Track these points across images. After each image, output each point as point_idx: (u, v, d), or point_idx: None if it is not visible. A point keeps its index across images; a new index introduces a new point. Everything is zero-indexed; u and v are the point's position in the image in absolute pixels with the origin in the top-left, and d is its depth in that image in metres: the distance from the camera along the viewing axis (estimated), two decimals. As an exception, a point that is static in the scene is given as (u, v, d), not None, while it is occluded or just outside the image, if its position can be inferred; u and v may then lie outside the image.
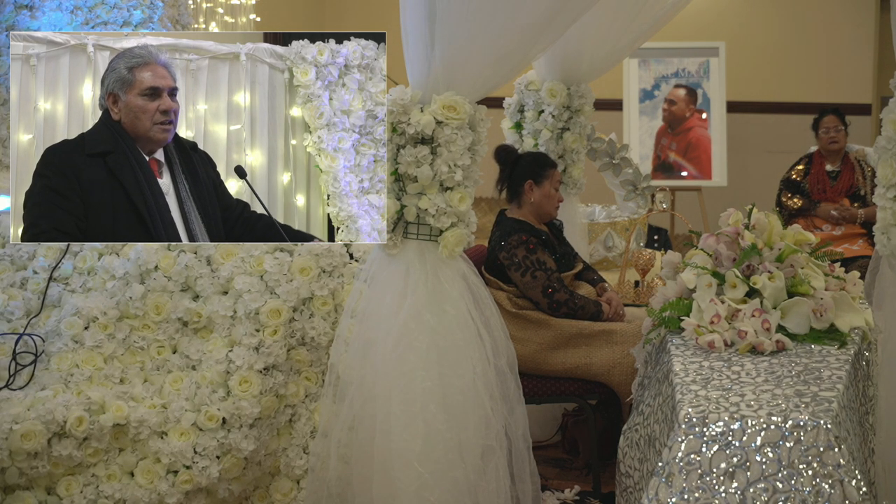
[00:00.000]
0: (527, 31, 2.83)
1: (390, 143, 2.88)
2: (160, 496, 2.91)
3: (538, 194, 3.69)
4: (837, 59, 7.82)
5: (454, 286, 2.92)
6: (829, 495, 2.11)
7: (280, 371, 3.10)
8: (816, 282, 2.86)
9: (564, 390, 3.60)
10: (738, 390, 2.36)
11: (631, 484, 2.64)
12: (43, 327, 3.20)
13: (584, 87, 4.31)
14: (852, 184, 5.61)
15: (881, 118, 2.88)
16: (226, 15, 6.69)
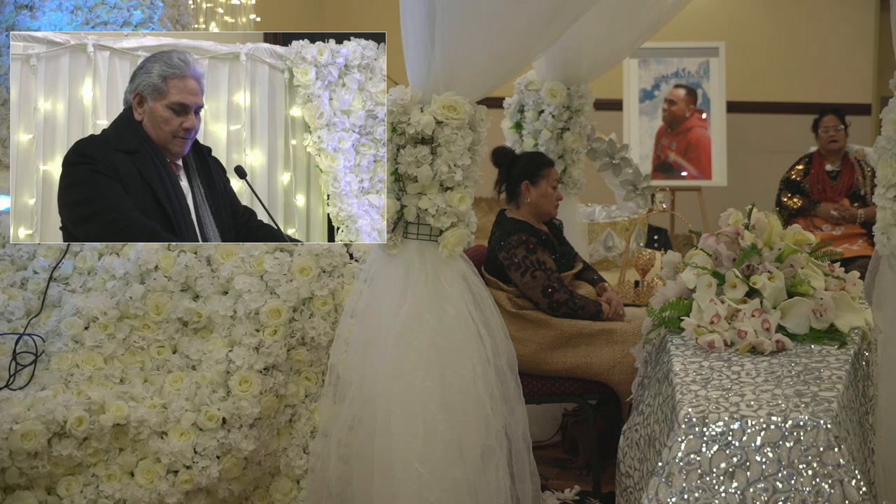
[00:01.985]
0: (527, 31, 2.83)
1: (390, 143, 2.88)
2: (160, 496, 2.91)
3: (535, 194, 3.70)
4: (837, 59, 7.82)
5: (454, 286, 2.92)
6: (829, 495, 2.11)
7: (280, 371, 3.10)
8: (816, 282, 2.86)
9: (564, 390, 3.61)
10: (738, 390, 2.36)
11: (631, 484, 2.64)
12: (43, 327, 3.20)
13: (584, 87, 4.31)
14: (852, 184, 5.61)
15: (881, 118, 2.88)
16: (226, 15, 6.69)
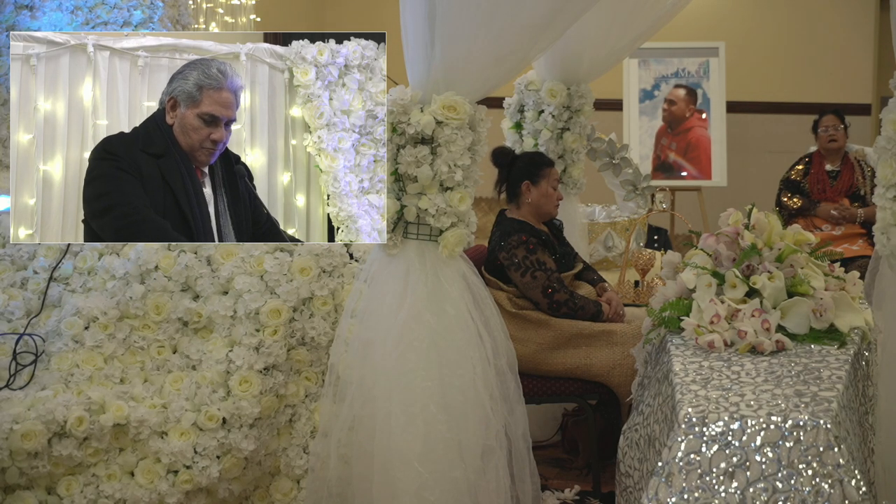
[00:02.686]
0: (527, 31, 2.83)
1: (390, 143, 2.88)
2: (160, 496, 2.91)
3: (536, 194, 3.70)
4: (837, 59, 7.82)
5: (454, 286, 2.92)
6: (829, 495, 2.11)
7: (280, 371, 3.10)
8: (816, 282, 2.86)
9: (564, 390, 3.60)
10: (738, 390, 2.36)
11: (631, 484, 2.64)
12: (43, 327, 3.20)
13: (584, 87, 4.31)
14: (852, 184, 5.61)
15: (881, 118, 2.89)
16: (226, 15, 6.69)
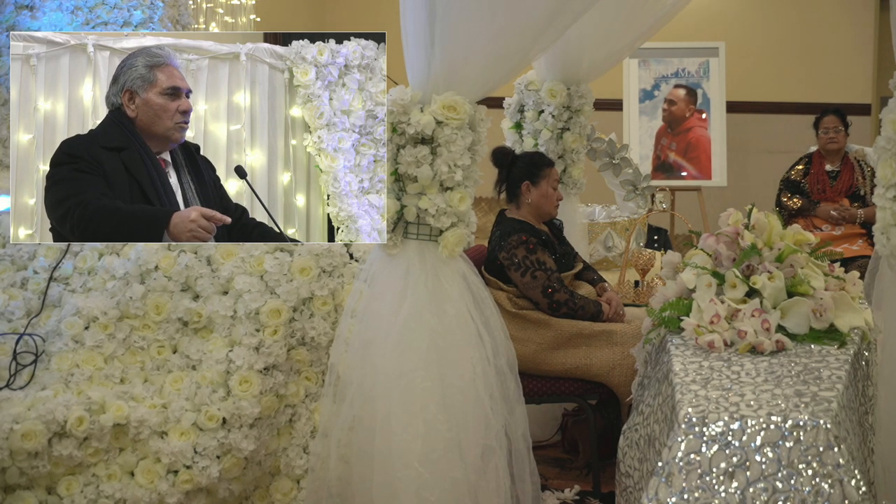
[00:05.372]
0: (527, 31, 2.83)
1: (390, 143, 2.88)
2: (160, 496, 2.91)
3: (536, 194, 3.70)
4: (837, 59, 7.82)
5: (454, 286, 2.92)
6: (829, 495, 2.11)
7: (280, 371, 3.10)
8: (816, 282, 2.86)
9: (564, 390, 3.61)
10: (738, 390, 2.36)
11: (631, 484, 2.64)
12: (43, 327, 3.20)
13: (584, 87, 4.31)
14: (852, 184, 5.61)
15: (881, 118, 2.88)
16: (226, 15, 6.68)
